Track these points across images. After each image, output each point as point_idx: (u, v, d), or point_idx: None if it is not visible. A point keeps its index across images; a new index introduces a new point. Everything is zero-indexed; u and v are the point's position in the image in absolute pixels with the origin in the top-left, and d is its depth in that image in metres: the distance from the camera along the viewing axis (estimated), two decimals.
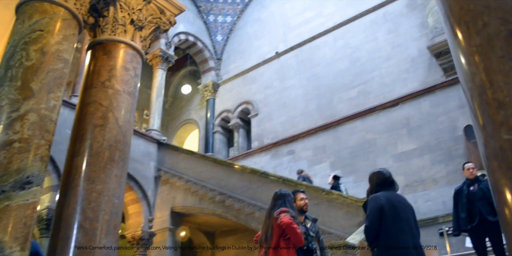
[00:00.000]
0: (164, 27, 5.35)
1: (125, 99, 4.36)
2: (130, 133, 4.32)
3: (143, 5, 5.04)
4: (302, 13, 14.66)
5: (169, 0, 5.36)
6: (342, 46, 13.16)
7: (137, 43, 4.85)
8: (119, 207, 3.88)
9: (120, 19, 4.80)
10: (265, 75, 14.84)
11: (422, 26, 11.76)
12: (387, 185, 3.73)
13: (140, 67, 4.84)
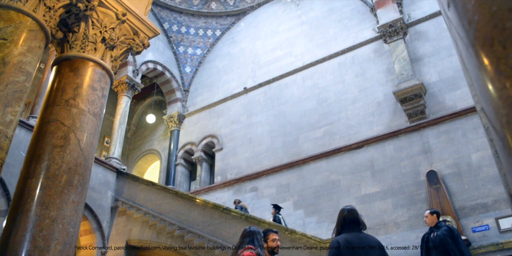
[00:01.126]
0: (137, 49, 5.08)
1: (90, 120, 4.00)
2: (92, 157, 3.94)
3: (117, 24, 4.77)
4: (272, 51, 14.75)
5: (144, 22, 5.11)
6: (311, 86, 13.20)
7: (107, 63, 4.55)
8: (74, 237, 3.44)
9: (91, 36, 4.50)
10: (232, 109, 14.65)
11: (388, 72, 11.97)
12: (350, 225, 3.44)
13: (108, 88, 4.52)
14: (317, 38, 13.98)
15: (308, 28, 14.42)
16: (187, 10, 16.15)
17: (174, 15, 16.04)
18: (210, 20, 16.44)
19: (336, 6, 14.19)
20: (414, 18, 12.38)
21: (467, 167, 9.64)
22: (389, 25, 12.27)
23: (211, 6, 16.38)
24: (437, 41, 11.66)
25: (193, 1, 16.19)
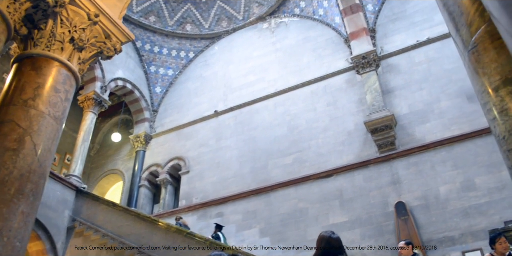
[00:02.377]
0: (108, 53, 4.71)
1: (50, 123, 3.56)
2: (48, 164, 3.47)
3: (88, 24, 4.40)
4: (245, 76, 14.59)
5: (117, 26, 4.76)
6: (282, 112, 13.03)
7: (74, 64, 4.14)
8: (21, 252, 2.93)
9: (59, 35, 4.11)
10: (201, 132, 14.26)
11: (360, 102, 11.96)
12: (330, 252, 3.15)
13: (73, 92, 4.10)
14: (291, 66, 13.92)
15: (282, 55, 14.36)
16: (162, 30, 15.88)
17: (147, 34, 15.74)
18: (184, 41, 16.21)
19: (311, 36, 14.24)
20: (386, 51, 12.51)
21: (435, 199, 9.58)
22: (362, 56, 12.38)
23: (186, 28, 16.19)
24: (408, 75, 11.76)
25: (168, 22, 15.96)
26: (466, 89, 10.71)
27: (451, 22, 3.16)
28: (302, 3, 14.84)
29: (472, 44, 2.61)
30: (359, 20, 13.11)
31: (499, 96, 2.44)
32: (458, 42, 2.94)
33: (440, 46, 11.85)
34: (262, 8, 15.73)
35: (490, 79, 2.45)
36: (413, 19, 12.77)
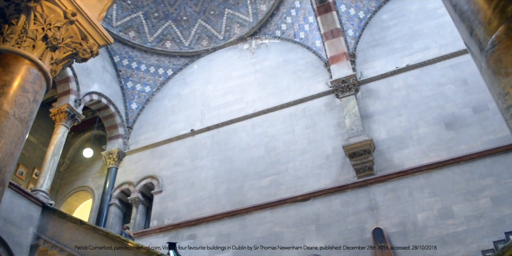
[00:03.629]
0: (83, 55, 4.32)
1: (14, 125, 3.15)
2: (9, 170, 3.04)
3: (64, 23, 4.02)
4: (223, 95, 14.31)
5: (95, 27, 4.39)
6: (260, 133, 12.76)
7: (46, 64, 3.74)
8: None
9: (31, 32, 3.71)
10: (176, 151, 13.80)
11: (338, 126, 11.83)
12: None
13: (43, 94, 3.69)
14: (270, 87, 13.73)
15: (262, 76, 14.19)
16: (141, 46, 15.55)
17: (126, 49, 15.36)
18: (163, 58, 15.88)
19: (291, 58, 14.15)
20: (366, 76, 12.50)
21: (412, 226, 9.39)
22: (342, 80, 12.35)
23: (166, 45, 15.90)
24: (387, 100, 11.71)
25: (147, 38, 15.64)
26: (444, 116, 10.72)
27: (462, 23, 2.92)
28: (284, 25, 14.79)
29: (492, 43, 2.42)
30: (339, 44, 13.12)
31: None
32: (471, 44, 2.74)
33: (419, 73, 11.88)
34: (243, 29, 15.63)
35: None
36: (393, 46, 12.83)
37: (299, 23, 14.35)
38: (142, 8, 15.44)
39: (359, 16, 13.79)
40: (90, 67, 13.86)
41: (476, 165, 9.63)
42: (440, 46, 12.13)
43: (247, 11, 15.58)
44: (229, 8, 15.79)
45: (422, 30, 12.75)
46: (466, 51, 11.64)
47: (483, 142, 9.93)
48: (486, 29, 2.54)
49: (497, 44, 2.42)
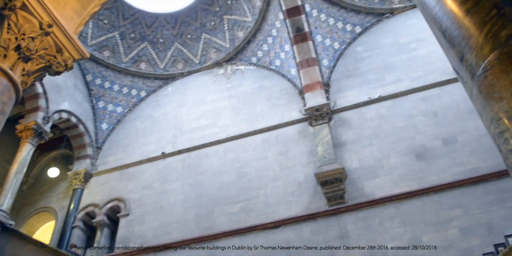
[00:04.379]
0: (57, 68, 4.12)
1: None
2: None
3: (39, 34, 3.83)
4: (196, 119, 14.16)
5: (71, 40, 4.21)
6: (232, 159, 12.64)
7: (17, 75, 3.56)
8: None
9: (3, 41, 3.54)
10: (145, 174, 13.44)
11: (311, 154, 11.86)
12: None
13: (11, 106, 3.47)
14: (244, 113, 13.69)
15: (236, 101, 14.14)
16: (115, 66, 15.33)
17: (99, 69, 15.10)
18: (137, 79, 15.67)
19: (266, 85, 14.20)
20: (339, 106, 12.63)
21: None
22: (315, 109, 12.52)
23: (141, 66, 15.72)
24: (359, 130, 11.83)
25: (122, 58, 15.44)
26: (415, 147, 10.89)
27: (452, 49, 2.92)
28: (260, 52, 14.88)
29: (484, 68, 2.41)
30: (314, 73, 13.31)
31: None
32: (461, 69, 2.74)
33: (391, 104, 12.06)
34: (220, 54, 15.66)
35: (511, 104, 2.22)
36: (366, 77, 13.04)
37: (275, 51, 14.47)
38: (119, 28, 15.29)
39: (334, 47, 14.01)
40: (61, 84, 13.50)
41: (445, 196, 9.77)
42: (412, 79, 12.39)
43: (224, 36, 15.64)
44: (206, 33, 15.82)
45: (395, 63, 13.02)
46: (436, 84, 11.94)
47: (452, 174, 10.07)
48: (478, 54, 2.51)
49: (490, 69, 2.40)
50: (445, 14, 2.97)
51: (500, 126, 2.39)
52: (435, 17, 3.15)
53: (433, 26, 3.32)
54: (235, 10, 15.34)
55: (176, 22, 15.78)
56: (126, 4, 15.07)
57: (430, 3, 3.21)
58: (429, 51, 12.81)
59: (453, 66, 3.07)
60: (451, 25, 2.88)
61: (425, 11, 3.40)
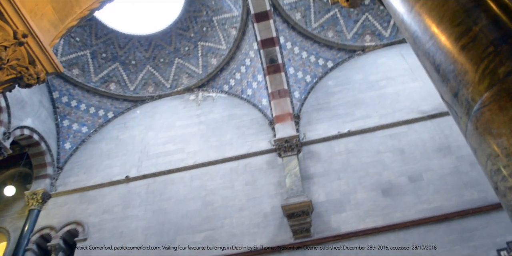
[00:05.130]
0: (29, 81, 3.91)
1: None
2: None
3: (12, 43, 3.64)
4: (164, 144, 13.90)
5: (46, 53, 4.02)
6: (198, 186, 12.42)
7: None
8: None
9: None
10: (107, 197, 12.97)
11: (279, 185, 11.83)
12: None
13: None
14: (213, 140, 13.57)
15: (205, 128, 14.04)
16: (83, 85, 15.03)
17: (67, 86, 14.72)
18: (105, 100, 15.33)
19: (237, 114, 14.17)
20: (309, 138, 12.72)
21: None
22: (285, 140, 12.58)
23: (110, 87, 15.45)
24: (328, 163, 11.89)
25: (92, 77, 15.13)
26: (381, 183, 11.03)
27: (445, 83, 2.94)
28: (232, 81, 14.90)
29: (482, 103, 2.42)
30: (285, 105, 13.40)
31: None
32: (455, 104, 2.75)
33: (359, 139, 12.21)
34: (192, 79, 15.61)
35: (510, 140, 2.21)
36: (336, 111, 13.19)
37: (248, 80, 14.51)
38: (90, 47, 15.05)
39: (306, 80, 14.18)
40: (26, 99, 13.01)
41: (410, 233, 9.83)
42: (380, 116, 12.59)
43: (197, 63, 15.60)
44: (180, 58, 15.76)
45: (364, 99, 13.23)
46: (404, 122, 12.19)
47: (418, 211, 10.15)
48: (474, 89, 2.51)
49: (488, 105, 2.39)
50: (439, 49, 2.97)
51: (498, 163, 2.34)
52: (428, 52, 3.14)
53: (424, 60, 3.31)
54: (210, 37, 15.39)
55: (149, 45, 15.67)
56: (100, 23, 14.90)
57: (423, 38, 3.21)
58: (398, 90, 13.11)
59: (446, 100, 3.05)
60: (446, 60, 2.88)
61: (417, 45, 3.39)
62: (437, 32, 2.94)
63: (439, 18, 2.95)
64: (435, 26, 2.98)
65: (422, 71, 14.36)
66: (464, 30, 2.70)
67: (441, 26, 2.91)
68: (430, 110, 12.20)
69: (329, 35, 14.84)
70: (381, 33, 14.97)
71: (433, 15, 3.02)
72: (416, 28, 3.27)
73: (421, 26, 3.18)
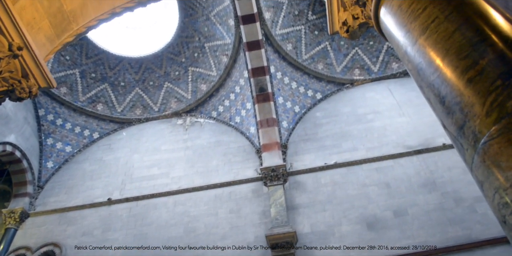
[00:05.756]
0: (20, 94, 3.85)
1: None
2: None
3: (6, 55, 3.61)
4: (149, 168, 13.69)
5: (40, 67, 3.98)
6: (181, 212, 12.23)
7: None
8: None
9: None
10: (87, 219, 12.62)
11: (263, 214, 11.75)
12: None
13: None
14: (199, 166, 13.46)
15: (191, 154, 13.91)
16: (70, 104, 14.89)
17: (54, 104, 14.53)
18: (91, 120, 15.16)
19: (224, 140, 14.13)
20: (295, 168, 12.74)
21: None
22: (271, 169, 12.61)
23: (97, 107, 15.32)
24: (313, 194, 11.86)
25: (79, 97, 15.00)
26: (366, 216, 11.04)
27: (451, 115, 2.99)
28: (221, 107, 14.89)
29: (490, 136, 2.42)
30: (273, 134, 13.45)
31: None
32: (461, 136, 2.74)
33: (346, 171, 12.24)
34: (180, 104, 15.57)
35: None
36: (324, 142, 13.22)
37: (237, 108, 14.52)
38: (80, 66, 15.00)
39: (295, 110, 14.24)
40: (11, 115, 12.78)
41: None
42: (367, 149, 12.65)
43: (187, 88, 15.60)
44: (170, 82, 15.76)
45: (352, 132, 13.32)
46: (390, 156, 12.26)
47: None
48: (482, 122, 2.51)
49: (496, 138, 2.39)
50: (444, 81, 2.98)
51: (507, 195, 2.31)
52: (433, 84, 3.16)
53: (428, 92, 3.32)
54: (201, 63, 15.47)
55: (140, 68, 15.67)
56: (91, 43, 14.91)
57: (427, 70, 3.24)
58: (385, 124, 13.24)
59: (451, 132, 3.03)
60: (451, 92, 2.89)
61: (421, 77, 3.40)
62: (442, 65, 2.98)
63: (445, 51, 2.99)
64: (440, 59, 3.02)
65: (409, 106, 14.58)
66: (471, 63, 2.74)
67: (447, 59, 2.95)
68: (416, 145, 12.31)
69: (319, 67, 15.05)
70: (370, 67, 15.22)
71: (438, 48, 3.06)
72: (420, 60, 3.30)
73: (425, 59, 3.21)
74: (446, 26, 3.07)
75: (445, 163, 11.64)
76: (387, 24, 4.01)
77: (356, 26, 5.20)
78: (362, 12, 4.91)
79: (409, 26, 3.46)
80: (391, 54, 15.06)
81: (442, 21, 3.12)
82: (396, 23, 3.74)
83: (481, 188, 2.61)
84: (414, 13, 3.43)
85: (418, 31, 3.31)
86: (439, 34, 3.09)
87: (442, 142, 12.00)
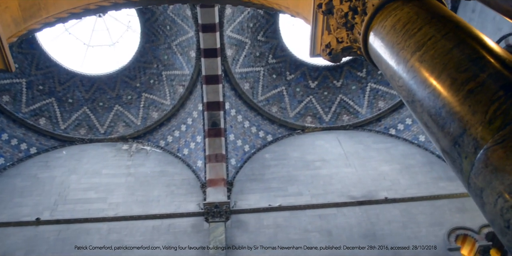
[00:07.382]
0: None
1: None
2: None
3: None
4: (86, 191, 13.05)
5: (1, 48, 3.68)
6: (115, 240, 11.82)
7: None
8: None
9: None
10: (10, 238, 11.65)
11: (202, 251, 11.67)
12: None
13: None
14: (139, 194, 13.06)
15: (133, 181, 13.50)
16: (11, 114, 14.15)
17: None
18: (31, 134, 14.37)
19: (169, 171, 13.86)
20: (239, 207, 12.67)
21: None
22: (215, 205, 12.51)
23: (39, 121, 14.57)
24: (255, 235, 11.77)
25: (22, 108, 14.28)
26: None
27: (444, 127, 3.01)
28: (170, 137, 14.69)
29: (495, 141, 2.54)
30: (220, 170, 13.42)
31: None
32: (458, 144, 2.84)
33: (289, 215, 12.29)
34: (128, 129, 15.20)
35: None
36: (270, 184, 13.31)
37: (186, 140, 14.37)
38: (28, 77, 14.39)
39: (244, 149, 14.29)
40: None
41: None
42: (312, 195, 12.83)
43: (137, 113, 15.29)
44: (120, 105, 15.38)
45: (299, 177, 13.51)
46: (334, 204, 12.56)
47: None
48: (485, 128, 2.65)
49: (501, 142, 2.50)
50: (441, 94, 3.09)
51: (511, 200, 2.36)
52: (427, 97, 3.27)
53: (419, 106, 3.39)
54: (156, 91, 15.30)
55: (91, 86, 15.24)
56: (44, 54, 14.45)
57: (421, 84, 3.34)
58: (331, 173, 13.55)
59: (442, 146, 3.10)
60: (449, 104, 3.01)
61: (413, 92, 3.48)
62: (439, 78, 3.17)
63: (443, 65, 3.22)
64: (437, 73, 3.22)
65: (356, 158, 15.01)
66: (471, 76, 2.95)
67: (445, 72, 3.17)
68: (360, 196, 12.64)
69: (273, 110, 15.34)
70: (322, 117, 15.72)
71: (435, 63, 3.31)
72: (414, 75, 3.50)
73: (420, 73, 3.44)
74: (443, 43, 3.34)
75: (386, 216, 12.00)
76: (377, 44, 4.21)
77: (339, 50, 5.39)
78: (348, 35, 5.10)
79: (403, 44, 3.69)
80: (343, 107, 15.68)
81: (439, 39, 3.39)
82: (389, 42, 3.96)
83: (479, 195, 2.66)
84: (409, 32, 3.69)
85: (413, 48, 3.53)
86: (437, 50, 3.33)
87: (384, 196, 12.43)
